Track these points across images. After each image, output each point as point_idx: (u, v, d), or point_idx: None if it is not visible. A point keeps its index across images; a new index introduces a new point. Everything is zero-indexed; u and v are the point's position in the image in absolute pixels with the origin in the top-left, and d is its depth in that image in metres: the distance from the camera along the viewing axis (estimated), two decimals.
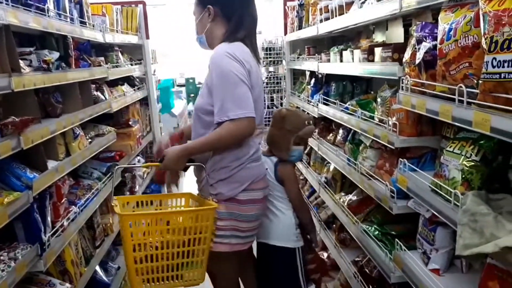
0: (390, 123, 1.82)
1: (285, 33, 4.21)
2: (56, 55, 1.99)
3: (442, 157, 1.47)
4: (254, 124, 1.78)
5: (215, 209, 1.81)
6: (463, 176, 1.36)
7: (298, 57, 3.83)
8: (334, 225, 3.02)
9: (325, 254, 3.26)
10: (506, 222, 1.14)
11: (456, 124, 1.30)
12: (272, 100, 4.47)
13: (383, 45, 1.98)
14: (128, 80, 3.68)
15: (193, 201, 2.04)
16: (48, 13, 1.91)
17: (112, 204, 1.83)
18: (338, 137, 2.87)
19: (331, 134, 3.06)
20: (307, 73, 3.63)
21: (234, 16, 1.87)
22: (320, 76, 3.21)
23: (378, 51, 1.95)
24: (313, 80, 3.33)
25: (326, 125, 3.26)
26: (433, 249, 1.69)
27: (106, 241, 2.64)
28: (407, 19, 1.98)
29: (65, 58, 2.14)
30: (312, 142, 3.32)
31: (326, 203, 3.04)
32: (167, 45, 10.51)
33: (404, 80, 1.64)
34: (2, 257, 1.56)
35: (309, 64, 3.26)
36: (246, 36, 1.88)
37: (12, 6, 1.60)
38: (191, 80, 11.18)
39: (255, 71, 1.85)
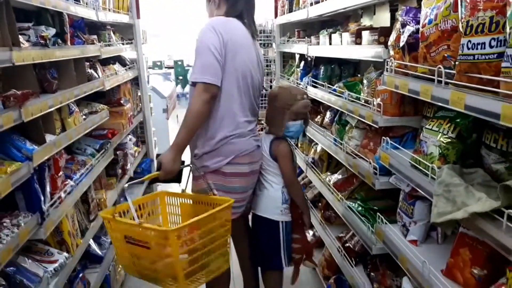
0: (375, 103, 1.92)
1: (276, 16, 4.26)
2: (52, 31, 2.03)
3: (421, 134, 1.58)
4: (211, 90, 1.91)
5: (232, 203, 1.86)
6: (440, 151, 1.47)
7: (288, 40, 3.89)
8: (320, 204, 3.14)
9: (311, 232, 3.40)
10: (476, 192, 1.25)
11: (435, 103, 1.40)
12: None
13: (371, 28, 2.07)
14: (119, 60, 3.70)
15: (170, 197, 2.09)
16: None
17: (146, 226, 1.71)
18: (326, 119, 2.96)
19: (319, 116, 3.15)
20: (297, 56, 3.70)
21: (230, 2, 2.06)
22: (309, 59, 3.28)
23: (365, 34, 2.04)
24: (302, 63, 3.40)
25: (314, 107, 3.33)
26: (412, 221, 1.81)
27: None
28: (394, 4, 2.07)
29: (61, 35, 2.18)
30: None
31: (313, 183, 3.15)
32: (157, 26, 10.44)
33: (388, 62, 1.73)
34: (5, 224, 1.63)
35: (298, 47, 3.33)
36: (243, 12, 2.06)
37: None
38: (179, 63, 11.14)
39: (236, 42, 1.98)
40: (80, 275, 2.39)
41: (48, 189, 1.93)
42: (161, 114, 6.12)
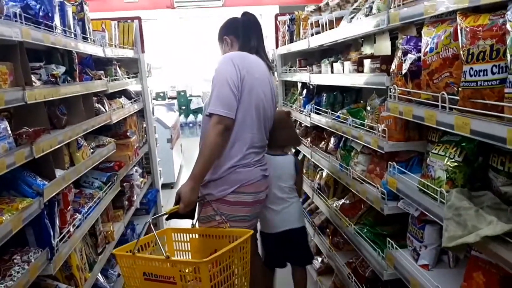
0: (380, 129, 1.95)
1: (276, 47, 4.36)
2: (62, 69, 2.09)
3: (428, 159, 1.60)
4: (225, 122, 1.96)
5: (251, 234, 1.87)
6: (448, 175, 1.48)
7: (289, 69, 3.97)
8: (327, 230, 3.12)
9: (319, 259, 3.37)
10: (486, 215, 1.26)
11: (440, 128, 1.42)
12: None
13: (372, 57, 2.12)
14: (125, 93, 3.77)
15: (178, 234, 2.08)
16: (55, 30, 2.01)
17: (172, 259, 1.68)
18: (330, 145, 2.99)
19: (323, 142, 3.18)
20: (299, 84, 3.76)
21: (242, 37, 2.19)
22: (311, 87, 3.33)
23: (367, 62, 2.09)
24: (304, 91, 3.46)
25: (318, 134, 3.39)
26: (422, 246, 1.81)
27: (108, 248, 2.70)
28: (393, 32, 2.13)
29: (70, 72, 2.24)
30: (304, 150, 3.45)
31: (320, 209, 3.15)
32: (159, 58, 10.65)
33: (392, 89, 1.77)
34: (15, 260, 1.63)
35: (301, 76, 3.39)
36: (257, 47, 2.18)
37: (26, 24, 1.71)
38: (182, 93, 11.29)
39: (253, 77, 2.05)
40: None
41: (57, 223, 1.95)
42: (165, 144, 6.17)
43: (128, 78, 3.65)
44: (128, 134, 3.38)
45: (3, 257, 1.67)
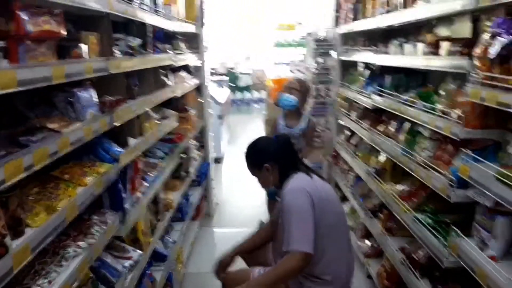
0: (454, 115, 1.88)
1: (336, 25, 4.26)
2: (138, 41, 2.16)
3: (510, 148, 1.54)
4: (309, 259, 1.88)
5: None
6: None
7: (350, 49, 3.88)
8: (380, 214, 3.09)
9: (369, 243, 3.35)
10: None
11: None
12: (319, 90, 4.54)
13: (451, 39, 2.03)
14: (185, 68, 3.84)
15: None
16: (133, 3, 2.07)
17: None
18: (390, 128, 2.93)
19: (380, 125, 3.12)
20: (360, 65, 3.68)
21: (282, 163, 2.16)
22: (374, 68, 3.26)
23: (445, 45, 2.00)
24: (367, 72, 3.38)
25: (376, 116, 3.32)
26: (491, 237, 1.76)
27: (167, 216, 2.82)
28: (474, 14, 2.02)
29: (143, 45, 2.30)
30: (361, 132, 3.40)
31: (375, 192, 3.11)
32: (209, 34, 10.72)
33: (474, 74, 1.70)
34: (94, 220, 1.75)
35: (365, 56, 3.31)
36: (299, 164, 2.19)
37: None
38: (230, 70, 11.35)
39: (321, 197, 2.00)
40: (148, 271, 2.49)
41: (128, 189, 2.04)
42: (216, 120, 6.28)
43: (191, 53, 3.70)
44: (188, 108, 3.46)
45: (83, 216, 1.79)
